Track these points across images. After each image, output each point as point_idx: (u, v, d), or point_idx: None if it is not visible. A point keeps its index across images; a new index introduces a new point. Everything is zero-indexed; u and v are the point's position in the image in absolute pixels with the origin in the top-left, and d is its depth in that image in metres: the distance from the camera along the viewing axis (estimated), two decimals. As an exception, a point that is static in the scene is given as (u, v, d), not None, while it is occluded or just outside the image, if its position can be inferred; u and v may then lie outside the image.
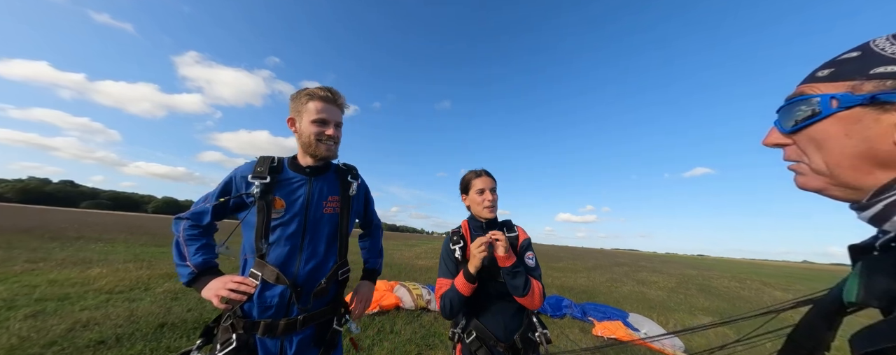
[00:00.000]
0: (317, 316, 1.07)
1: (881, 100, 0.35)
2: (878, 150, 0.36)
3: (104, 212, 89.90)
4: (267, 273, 1.00)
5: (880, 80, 0.36)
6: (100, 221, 23.14)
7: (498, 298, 1.23)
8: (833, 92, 0.39)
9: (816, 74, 0.42)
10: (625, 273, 12.36)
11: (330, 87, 1.08)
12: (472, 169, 1.32)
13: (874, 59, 0.37)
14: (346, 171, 1.22)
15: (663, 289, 8.39)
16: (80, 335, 2.58)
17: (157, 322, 2.97)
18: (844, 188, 0.40)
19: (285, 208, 1.04)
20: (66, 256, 6.22)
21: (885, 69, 0.35)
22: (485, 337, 1.19)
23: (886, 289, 0.39)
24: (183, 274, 1.00)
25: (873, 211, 0.38)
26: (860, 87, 0.37)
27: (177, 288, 4.32)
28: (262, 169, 1.04)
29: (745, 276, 15.90)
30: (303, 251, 1.04)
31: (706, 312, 5.82)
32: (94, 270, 5.08)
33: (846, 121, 0.38)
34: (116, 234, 12.27)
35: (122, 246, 8.83)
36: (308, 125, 1.04)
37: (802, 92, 0.42)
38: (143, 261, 6.43)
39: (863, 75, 0.37)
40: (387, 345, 2.88)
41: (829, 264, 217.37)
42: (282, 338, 1.01)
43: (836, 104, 0.38)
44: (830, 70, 0.40)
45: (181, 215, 1.08)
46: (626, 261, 24.44)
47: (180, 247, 1.02)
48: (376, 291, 4.43)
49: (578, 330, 3.92)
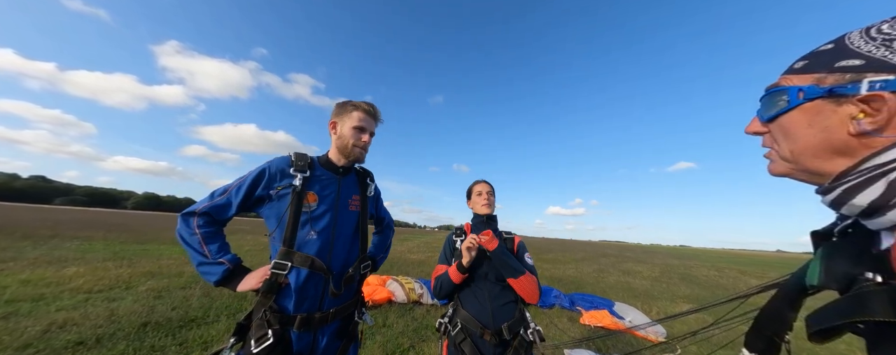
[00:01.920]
0: (343, 309, 1.11)
1: (837, 93, 0.37)
2: (835, 140, 0.38)
3: (80, 209, 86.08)
4: (298, 260, 1.02)
5: (841, 73, 0.38)
6: (75, 218, 22.17)
7: (490, 288, 1.29)
8: (802, 84, 0.41)
9: (794, 66, 0.44)
10: (611, 263, 12.73)
11: (372, 103, 1.20)
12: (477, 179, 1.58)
13: (843, 52, 0.39)
14: (365, 174, 1.32)
15: (647, 279, 8.70)
16: (56, 336, 2.48)
17: (139, 321, 2.88)
18: (808, 173, 0.43)
19: (318, 202, 1.09)
20: (39, 255, 5.93)
21: (848, 63, 0.37)
22: (470, 326, 1.23)
23: (844, 273, 0.42)
24: (215, 273, 0.99)
25: (833, 195, 0.40)
26: (824, 80, 0.39)
27: (160, 286, 4.19)
28: (302, 163, 1.10)
29: (724, 265, 16.64)
30: (334, 243, 1.10)
31: (687, 300, 6.07)
32: (71, 269, 4.87)
33: (809, 113, 0.40)
34: (94, 232, 11.78)
35: (100, 244, 8.49)
36: (349, 130, 1.15)
37: (779, 83, 0.44)
38: (124, 259, 6.20)
39: (828, 68, 0.39)
40: (379, 339, 2.89)
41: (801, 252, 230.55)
42: (315, 331, 1.04)
43: (801, 96, 0.40)
44: (805, 62, 0.42)
45: (193, 210, 1.04)
46: (613, 252, 25.20)
47: (198, 245, 0.99)
48: (368, 286, 4.41)
49: (567, 320, 4.03)
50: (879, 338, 0.37)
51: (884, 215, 0.36)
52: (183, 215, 1.04)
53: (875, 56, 0.36)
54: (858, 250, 0.43)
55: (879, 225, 0.38)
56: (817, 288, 0.47)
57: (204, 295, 3.86)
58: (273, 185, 1.06)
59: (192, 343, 2.55)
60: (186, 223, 1.02)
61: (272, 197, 1.08)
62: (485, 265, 1.31)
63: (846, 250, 0.45)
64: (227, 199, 1.06)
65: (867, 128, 0.36)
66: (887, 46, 0.36)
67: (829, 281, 0.45)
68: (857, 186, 0.37)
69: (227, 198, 1.06)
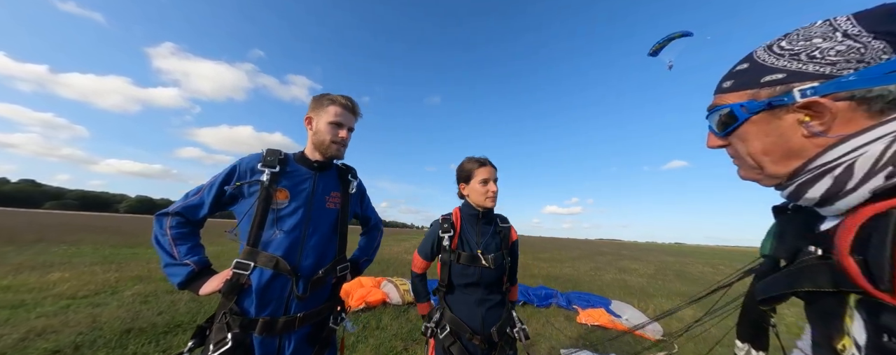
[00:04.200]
0: (314, 314, 1.05)
1: (776, 104, 0.42)
2: (790, 144, 0.43)
3: (70, 213, 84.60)
4: (262, 260, 0.97)
5: (770, 87, 0.43)
6: (64, 222, 21.75)
7: (478, 290, 1.22)
8: (739, 101, 0.46)
9: (723, 85, 0.49)
10: (607, 262, 12.76)
11: (350, 97, 1.14)
12: (472, 156, 1.28)
13: (760, 69, 0.44)
14: (347, 171, 1.26)
15: (643, 276, 8.71)
16: (33, 344, 2.37)
17: (122, 327, 2.78)
18: (771, 178, 0.47)
19: (290, 199, 1.05)
20: (22, 260, 5.76)
21: (772, 77, 0.43)
22: (460, 330, 1.18)
23: (793, 244, 0.49)
24: (179, 274, 0.95)
25: (789, 190, 0.45)
26: (758, 95, 0.44)
27: (147, 291, 4.08)
28: (271, 158, 1.06)
29: (719, 262, 16.77)
30: (305, 243, 1.04)
31: (683, 297, 6.07)
32: (55, 274, 4.73)
33: (760, 124, 0.45)
34: (83, 235, 11.53)
35: (88, 248, 8.29)
36: (325, 125, 1.10)
37: (717, 103, 0.50)
38: (112, 263, 6.05)
39: (757, 85, 0.44)
40: (372, 342, 2.82)
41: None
42: (280, 336, 0.97)
43: (746, 111, 0.45)
44: (732, 81, 0.48)
45: (166, 211, 1.03)
46: (609, 250, 25.31)
47: (167, 246, 0.96)
48: (362, 287, 4.34)
49: (563, 319, 3.99)
50: (815, 300, 0.45)
51: (833, 204, 0.42)
52: (157, 216, 1.03)
53: (791, 68, 0.41)
54: (805, 225, 0.49)
55: (829, 212, 0.44)
56: (770, 257, 0.54)
57: (192, 300, 3.76)
58: (244, 182, 1.02)
59: (175, 349, 2.46)
60: (160, 224, 1.00)
61: (244, 194, 1.04)
62: (477, 272, 1.21)
63: (795, 225, 0.51)
64: (200, 199, 1.04)
65: (817, 129, 0.41)
66: (796, 58, 0.41)
67: (779, 252, 0.52)
68: (808, 182, 0.42)
69: (201, 198, 1.04)
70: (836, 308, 0.41)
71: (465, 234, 1.27)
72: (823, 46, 0.40)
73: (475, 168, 1.24)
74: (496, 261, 1.21)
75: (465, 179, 1.27)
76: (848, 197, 0.39)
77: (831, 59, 0.39)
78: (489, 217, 1.30)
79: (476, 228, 1.27)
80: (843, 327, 0.40)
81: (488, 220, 1.30)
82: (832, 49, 0.39)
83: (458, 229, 1.27)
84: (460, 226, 1.28)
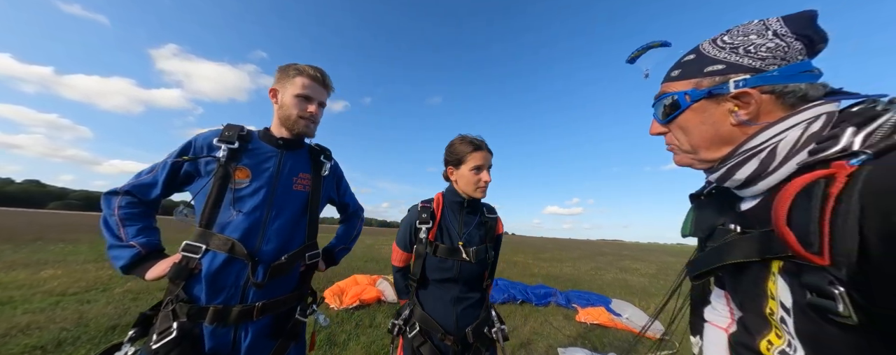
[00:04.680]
0: (278, 303, 0.96)
1: (715, 93, 0.46)
2: (721, 131, 0.48)
3: (72, 213, 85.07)
4: (215, 243, 0.88)
5: (711, 76, 0.47)
6: (65, 222, 21.80)
7: (456, 286, 1.10)
8: (684, 89, 0.50)
9: (671, 74, 0.53)
10: (608, 262, 12.64)
11: (320, 68, 1.05)
12: (466, 135, 1.11)
13: (704, 60, 0.48)
14: (320, 152, 1.16)
15: (645, 276, 8.60)
16: (14, 340, 2.31)
17: (108, 324, 2.72)
18: (704, 162, 0.52)
19: (251, 178, 0.96)
20: (17, 258, 5.72)
21: (713, 68, 0.47)
22: (431, 329, 1.06)
23: (708, 225, 0.55)
24: (122, 257, 0.86)
25: (719, 173, 0.50)
26: (701, 84, 0.48)
27: (138, 288, 4.02)
28: (230, 133, 0.96)
29: (721, 262, 16.62)
30: (267, 226, 0.95)
31: (685, 296, 5.96)
32: (47, 272, 4.68)
33: (698, 112, 0.49)
34: (82, 234, 11.51)
35: (85, 246, 8.25)
36: (291, 99, 1.00)
37: (664, 91, 0.53)
38: (107, 260, 5.99)
39: (700, 74, 0.48)
40: (364, 340, 2.74)
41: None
42: (235, 327, 0.89)
43: (689, 99, 0.49)
44: (679, 70, 0.52)
45: (116, 189, 0.94)
46: (610, 250, 25.14)
47: (114, 226, 0.88)
48: (357, 285, 4.27)
49: (562, 317, 3.90)
50: (739, 272, 0.49)
51: (756, 185, 0.46)
52: (105, 195, 0.93)
53: (730, 60, 0.46)
54: (719, 207, 0.55)
55: (750, 193, 0.49)
56: (688, 236, 0.61)
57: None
58: (199, 157, 0.94)
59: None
60: (108, 203, 0.91)
61: (201, 172, 0.95)
62: (456, 267, 1.09)
63: (710, 207, 0.58)
64: (153, 178, 0.95)
65: (744, 118, 0.45)
66: (735, 52, 0.46)
67: (696, 231, 0.58)
68: (737, 165, 0.47)
69: (154, 177, 0.95)
70: (759, 276, 0.45)
71: (445, 223, 1.15)
72: (757, 42, 0.44)
73: (468, 152, 1.07)
74: (478, 255, 1.09)
75: (455, 163, 1.11)
76: (772, 175, 0.44)
77: (762, 54, 0.44)
78: (475, 205, 1.19)
79: (459, 217, 1.15)
80: (767, 293, 0.44)
81: (473, 209, 1.18)
82: (764, 46, 0.44)
83: (437, 218, 1.14)
84: (441, 214, 1.15)
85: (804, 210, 0.37)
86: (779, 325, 0.44)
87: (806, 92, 0.43)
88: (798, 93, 0.43)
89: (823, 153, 0.39)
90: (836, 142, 0.38)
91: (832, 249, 0.34)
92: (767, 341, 0.46)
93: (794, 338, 0.41)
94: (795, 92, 0.43)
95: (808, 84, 0.43)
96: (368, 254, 9.58)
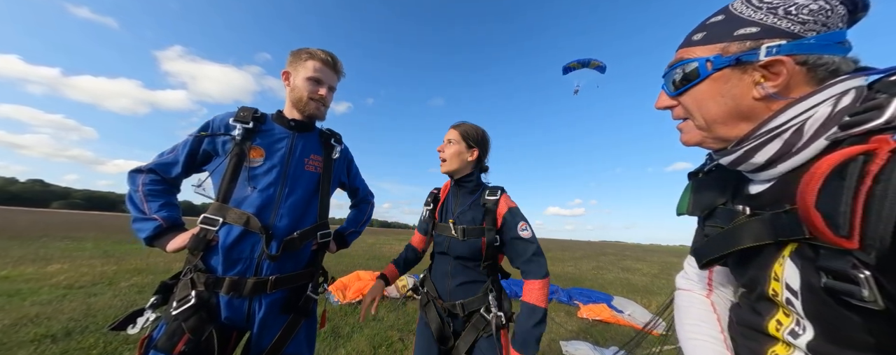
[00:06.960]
0: (290, 278, 0.99)
1: (743, 60, 0.40)
2: (742, 106, 0.42)
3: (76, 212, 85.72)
4: (232, 216, 0.92)
5: (742, 41, 0.41)
6: (69, 220, 21.99)
7: (447, 260, 1.19)
8: (707, 54, 0.43)
9: (692, 38, 0.46)
10: (610, 261, 12.62)
11: (331, 52, 1.08)
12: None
13: (736, 21, 0.42)
14: (330, 135, 1.20)
15: (647, 275, 8.58)
16: (24, 330, 2.35)
17: (115, 315, 2.76)
18: (718, 140, 0.47)
19: (264, 157, 1.00)
20: (24, 254, 5.79)
21: (746, 31, 0.41)
22: (431, 292, 1.21)
23: (707, 203, 0.53)
24: (145, 229, 0.91)
25: (733, 156, 0.45)
26: (728, 49, 0.42)
27: (144, 282, 4.06)
28: (245, 114, 1.00)
29: (724, 263, 16.55)
30: (280, 202, 0.99)
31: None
32: (54, 266, 4.74)
33: (719, 82, 0.43)
34: (86, 232, 11.61)
35: (90, 243, 8.33)
36: (303, 81, 1.04)
37: (682, 57, 0.47)
38: (112, 256, 6.06)
39: (730, 37, 0.42)
40: (367, 332, 2.77)
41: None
42: (250, 299, 0.92)
43: (711, 66, 0.43)
44: (703, 33, 0.45)
45: (140, 167, 1.00)
46: (612, 251, 25.07)
47: (139, 202, 0.94)
48: (360, 280, 4.30)
49: (564, 314, 3.91)
50: (747, 256, 0.46)
51: (775, 167, 0.42)
52: (130, 173, 0.99)
53: (766, 23, 0.39)
54: (720, 186, 0.52)
55: (764, 177, 0.45)
56: (684, 214, 0.58)
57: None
58: (216, 138, 0.98)
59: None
60: (133, 181, 0.97)
61: (218, 151, 1.00)
62: (446, 242, 1.14)
63: (709, 186, 0.54)
64: (174, 157, 1.00)
65: (771, 91, 0.39)
66: (774, 13, 0.39)
67: (694, 210, 0.55)
68: (757, 147, 0.42)
69: (175, 156, 1.00)
70: (768, 259, 0.43)
71: (447, 203, 1.24)
72: (800, 2, 0.38)
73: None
74: (467, 234, 1.09)
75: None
76: (796, 156, 0.40)
77: (803, 17, 0.38)
78: (470, 186, 1.17)
79: (457, 198, 1.22)
80: (771, 275, 0.42)
81: (471, 190, 1.18)
82: (806, 7, 0.38)
83: (441, 199, 1.26)
84: (446, 196, 1.25)
85: (834, 190, 0.33)
86: (785, 306, 0.42)
87: (838, 66, 0.38)
88: (830, 67, 0.38)
89: (862, 126, 0.35)
90: (880, 113, 0.34)
91: (863, 232, 0.31)
92: (776, 321, 0.44)
93: (802, 318, 0.40)
94: (828, 65, 0.38)
95: (841, 57, 0.38)
96: (371, 252, 9.62)
